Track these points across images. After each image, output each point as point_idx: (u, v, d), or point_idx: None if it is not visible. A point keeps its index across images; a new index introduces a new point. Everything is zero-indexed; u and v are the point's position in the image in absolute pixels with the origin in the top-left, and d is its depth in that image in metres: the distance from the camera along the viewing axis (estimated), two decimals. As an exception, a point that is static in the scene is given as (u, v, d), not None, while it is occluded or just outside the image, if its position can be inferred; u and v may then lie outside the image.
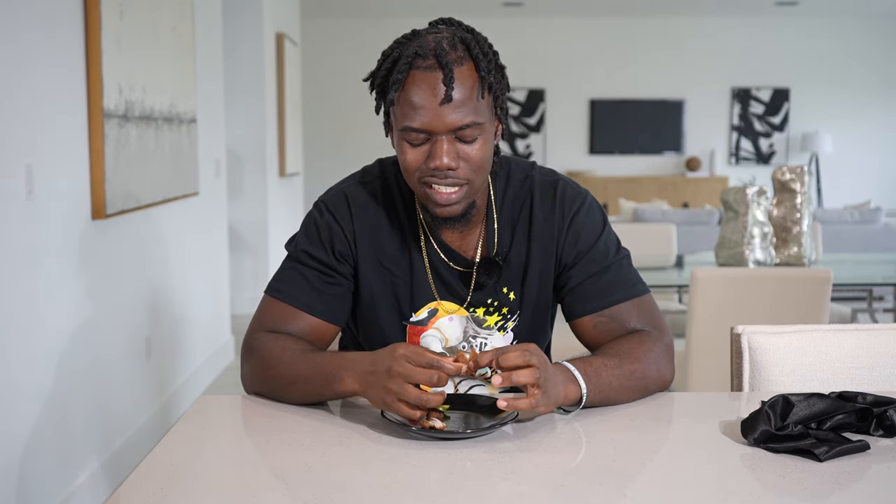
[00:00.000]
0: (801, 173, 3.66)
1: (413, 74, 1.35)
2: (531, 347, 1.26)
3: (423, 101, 1.34)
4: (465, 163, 1.38)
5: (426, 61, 1.35)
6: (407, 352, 1.24)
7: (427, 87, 1.34)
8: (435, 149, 1.36)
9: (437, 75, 1.34)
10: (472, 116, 1.36)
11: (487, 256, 1.50)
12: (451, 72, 1.34)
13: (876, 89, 9.85)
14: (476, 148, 1.38)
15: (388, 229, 1.51)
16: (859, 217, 6.44)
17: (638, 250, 4.20)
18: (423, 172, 1.39)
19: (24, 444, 2.45)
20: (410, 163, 1.39)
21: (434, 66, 1.34)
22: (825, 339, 1.52)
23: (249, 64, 5.98)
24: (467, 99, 1.35)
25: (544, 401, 1.24)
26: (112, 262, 3.14)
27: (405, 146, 1.39)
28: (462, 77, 1.35)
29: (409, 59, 1.35)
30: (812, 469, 1.12)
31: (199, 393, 4.22)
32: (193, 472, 1.15)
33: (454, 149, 1.37)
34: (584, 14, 9.70)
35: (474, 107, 1.36)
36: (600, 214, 1.54)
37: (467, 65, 1.37)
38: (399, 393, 1.22)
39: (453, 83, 1.34)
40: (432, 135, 1.36)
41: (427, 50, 1.35)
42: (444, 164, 1.36)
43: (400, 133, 1.39)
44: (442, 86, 1.34)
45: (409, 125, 1.36)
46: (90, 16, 2.86)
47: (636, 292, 1.50)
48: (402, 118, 1.37)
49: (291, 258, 1.51)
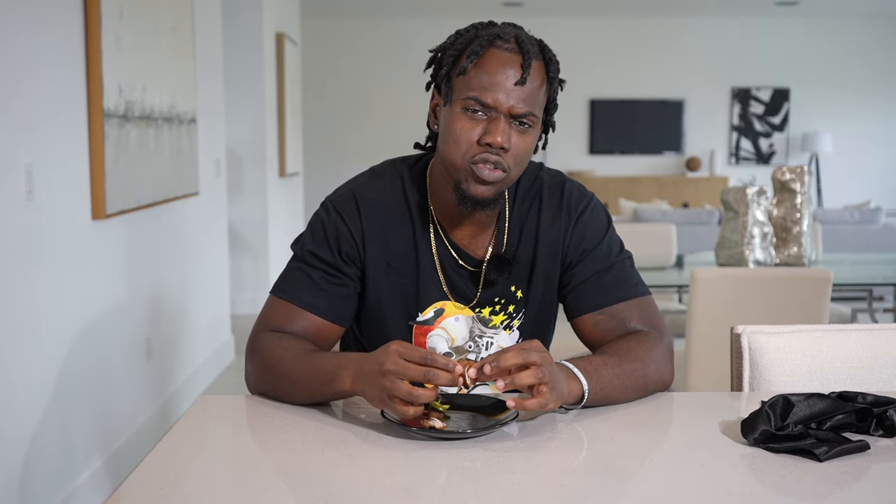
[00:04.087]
0: (801, 173, 3.66)
1: (491, 51, 1.40)
2: (532, 345, 1.26)
3: (499, 77, 1.38)
4: (512, 150, 1.40)
5: (507, 44, 1.40)
6: (400, 348, 1.24)
7: (504, 64, 1.38)
8: (493, 126, 1.39)
9: (516, 58, 1.39)
10: (534, 107, 1.40)
11: (497, 253, 1.51)
12: (530, 59, 1.39)
13: (876, 89, 9.85)
14: (526, 140, 1.42)
15: (398, 230, 1.51)
16: (859, 217, 6.44)
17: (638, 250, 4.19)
18: (475, 151, 1.40)
19: (24, 443, 2.45)
20: (465, 135, 1.40)
21: (515, 50, 1.39)
22: (825, 339, 1.52)
23: (249, 64, 5.98)
24: (535, 91, 1.40)
25: (553, 398, 1.24)
26: (112, 262, 3.14)
27: (462, 117, 1.40)
28: (536, 70, 1.41)
29: (490, 38, 1.40)
30: (812, 469, 1.12)
31: (199, 393, 4.22)
32: (193, 472, 1.15)
33: (509, 132, 1.40)
34: (584, 14, 9.70)
35: (538, 101, 1.41)
36: (605, 215, 1.56)
37: (540, 62, 1.42)
38: (391, 389, 1.22)
39: (530, 68, 1.38)
40: (495, 112, 1.39)
41: (508, 35, 1.41)
42: (499, 141, 1.38)
43: (462, 101, 1.40)
44: (519, 69, 1.38)
45: (476, 96, 1.39)
46: (90, 15, 2.86)
47: (637, 293, 1.51)
48: (470, 88, 1.39)
49: (297, 258, 1.51)
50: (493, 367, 1.23)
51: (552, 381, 1.24)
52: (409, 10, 9.34)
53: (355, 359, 1.32)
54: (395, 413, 1.24)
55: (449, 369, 1.23)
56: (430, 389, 1.23)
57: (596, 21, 9.79)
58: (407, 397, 1.22)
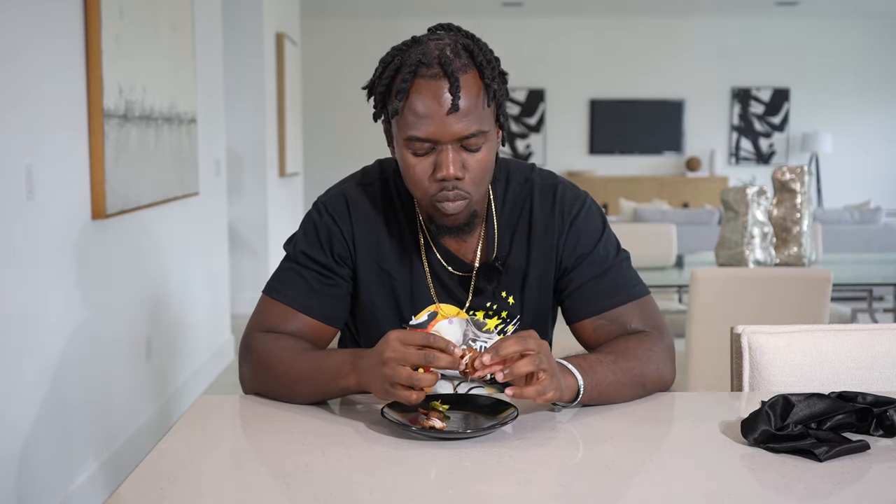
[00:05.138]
0: (801, 173, 3.66)
1: (417, 83, 1.33)
2: (529, 333, 1.26)
3: (429, 110, 1.32)
4: (469, 172, 1.36)
5: (431, 69, 1.32)
6: (400, 335, 1.24)
7: (432, 95, 1.32)
8: (441, 158, 1.35)
9: (442, 84, 1.32)
10: (477, 125, 1.34)
11: (487, 262, 1.49)
12: (457, 80, 1.32)
13: (876, 89, 9.85)
14: (480, 156, 1.37)
15: (388, 232, 1.50)
16: (859, 217, 6.44)
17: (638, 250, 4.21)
18: (433, 189, 1.37)
19: (24, 444, 2.45)
20: (418, 174, 1.37)
21: (439, 75, 1.32)
22: (825, 339, 1.52)
23: (249, 64, 5.98)
24: (473, 107, 1.33)
25: (552, 385, 1.24)
26: (112, 263, 3.14)
27: (409, 156, 1.37)
28: (467, 85, 1.33)
29: (413, 68, 1.33)
30: (812, 469, 1.12)
31: (199, 393, 4.22)
32: (193, 472, 1.15)
33: (459, 158, 1.35)
34: (584, 14, 9.70)
35: (480, 115, 1.34)
36: (600, 217, 1.53)
37: (472, 73, 1.35)
38: (392, 376, 1.22)
39: (459, 92, 1.31)
40: (438, 144, 1.34)
41: (431, 58, 1.33)
42: (452, 173, 1.34)
43: (404, 142, 1.36)
44: (448, 94, 1.31)
45: (414, 134, 1.34)
46: (90, 15, 2.86)
47: (636, 294, 1.50)
48: (407, 127, 1.34)
49: (290, 259, 1.50)
50: (492, 357, 1.22)
51: (551, 369, 1.24)
52: (410, 10, 9.33)
53: (357, 353, 1.32)
54: (399, 399, 1.24)
55: (449, 351, 1.22)
56: (432, 375, 1.23)
57: (596, 21, 9.79)
58: (408, 382, 1.21)
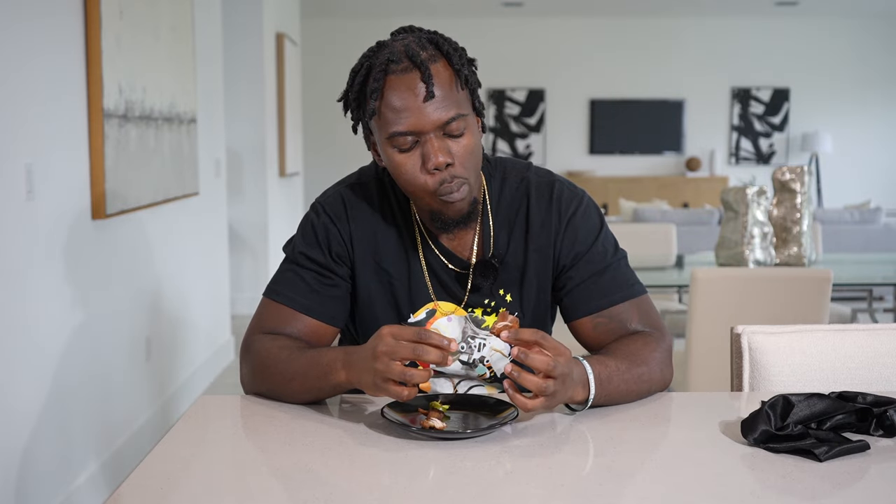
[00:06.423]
0: (801, 173, 3.66)
1: (390, 80, 1.35)
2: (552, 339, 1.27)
3: (406, 102, 1.34)
4: (456, 158, 1.38)
5: (400, 64, 1.34)
6: (392, 330, 1.24)
7: (406, 88, 1.34)
8: (427, 149, 1.36)
9: (414, 75, 1.34)
10: (455, 109, 1.36)
11: (483, 259, 1.49)
12: (428, 69, 1.34)
13: (876, 89, 9.86)
14: (465, 141, 1.38)
15: (385, 231, 1.50)
16: (859, 217, 6.44)
17: (638, 250, 4.21)
18: (431, 183, 1.37)
19: (24, 444, 2.45)
20: (409, 171, 1.38)
21: (409, 68, 1.34)
22: (825, 339, 1.52)
23: (249, 64, 5.98)
24: (448, 93, 1.35)
25: (558, 399, 1.24)
26: (112, 263, 3.14)
27: (395, 155, 1.38)
28: (438, 73, 1.36)
29: (383, 66, 1.35)
30: (812, 469, 1.12)
31: (199, 393, 4.22)
32: (193, 472, 1.15)
33: (445, 145, 1.37)
34: (584, 14, 9.70)
35: (456, 99, 1.36)
36: (597, 215, 1.53)
37: (441, 61, 1.37)
38: (384, 372, 1.22)
39: (432, 79, 1.34)
40: (421, 135, 1.35)
41: (398, 54, 1.35)
42: (441, 160, 1.35)
43: (387, 141, 1.37)
44: (421, 84, 1.34)
45: (395, 130, 1.35)
46: (90, 15, 2.86)
47: (635, 293, 1.50)
48: (388, 125, 1.36)
49: (289, 260, 1.51)
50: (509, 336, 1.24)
51: (561, 377, 1.24)
52: (410, 10, 9.33)
53: (350, 349, 1.32)
54: (390, 396, 1.24)
55: (442, 346, 1.21)
56: (425, 370, 1.23)
57: (596, 21, 9.79)
58: (400, 378, 1.21)
